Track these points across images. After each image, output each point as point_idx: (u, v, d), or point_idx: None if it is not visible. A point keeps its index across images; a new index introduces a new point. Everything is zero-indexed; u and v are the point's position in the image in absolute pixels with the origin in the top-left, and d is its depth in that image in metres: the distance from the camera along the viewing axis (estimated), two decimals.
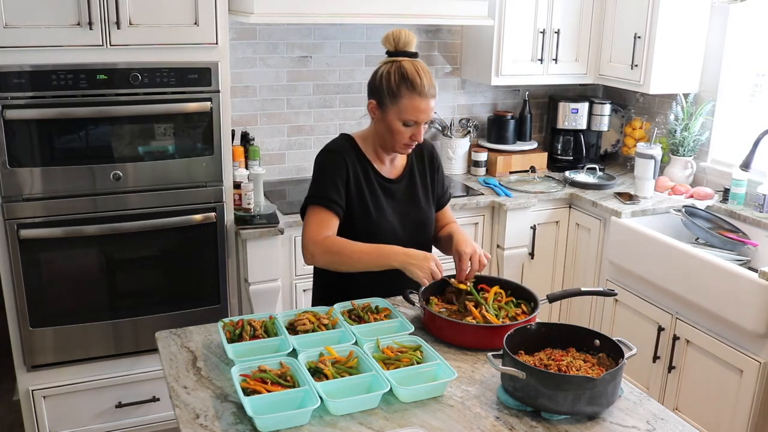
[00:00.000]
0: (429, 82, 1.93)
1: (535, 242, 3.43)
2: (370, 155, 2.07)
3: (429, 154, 2.18)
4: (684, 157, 3.46)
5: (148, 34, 2.54)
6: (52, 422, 2.81)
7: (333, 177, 1.98)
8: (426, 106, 1.94)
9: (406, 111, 1.93)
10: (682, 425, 1.52)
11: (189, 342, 1.83)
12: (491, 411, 1.54)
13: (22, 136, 2.48)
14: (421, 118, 1.95)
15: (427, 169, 2.16)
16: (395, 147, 2.01)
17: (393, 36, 1.98)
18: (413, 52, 1.98)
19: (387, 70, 1.95)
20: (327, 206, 1.96)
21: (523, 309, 1.90)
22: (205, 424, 1.47)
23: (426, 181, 2.15)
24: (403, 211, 2.09)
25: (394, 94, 1.93)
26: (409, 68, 1.93)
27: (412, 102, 1.92)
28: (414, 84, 1.91)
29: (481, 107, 3.87)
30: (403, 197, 2.10)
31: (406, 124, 1.94)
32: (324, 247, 1.93)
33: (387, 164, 2.10)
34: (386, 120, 1.96)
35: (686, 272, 2.77)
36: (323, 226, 1.95)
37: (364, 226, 2.01)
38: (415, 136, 1.97)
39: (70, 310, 2.69)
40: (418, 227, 2.11)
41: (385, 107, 1.96)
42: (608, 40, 3.56)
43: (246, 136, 3.18)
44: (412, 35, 1.98)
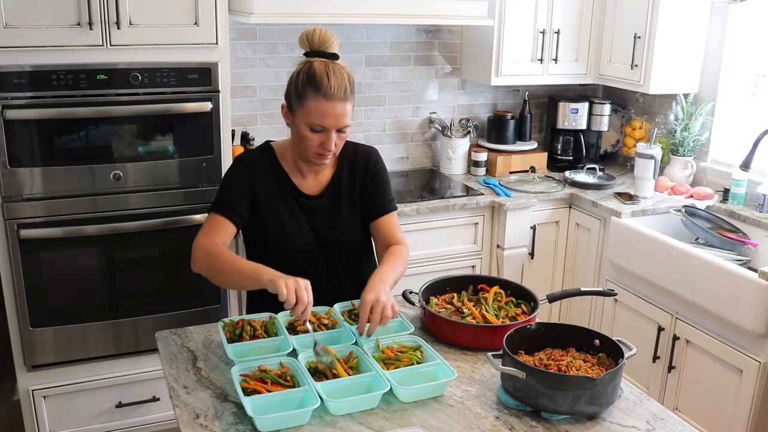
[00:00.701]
0: (338, 84, 1.77)
1: (535, 242, 3.43)
2: (289, 167, 1.93)
3: (363, 163, 1.99)
4: (684, 157, 3.46)
5: (148, 34, 2.54)
6: (52, 422, 2.81)
7: (236, 186, 1.89)
8: (333, 111, 1.77)
9: (311, 114, 1.78)
10: (682, 425, 1.53)
11: (189, 342, 1.83)
12: (491, 411, 1.54)
13: (22, 136, 2.48)
14: (328, 123, 1.78)
15: (357, 182, 1.98)
16: (307, 156, 1.86)
17: (307, 35, 1.83)
18: (331, 53, 1.83)
19: (297, 70, 1.82)
20: (223, 213, 1.85)
21: (523, 309, 1.90)
22: (205, 424, 1.47)
23: (354, 197, 1.97)
24: (322, 230, 1.94)
25: (300, 96, 1.79)
26: (318, 69, 1.77)
27: (317, 105, 1.76)
28: (320, 85, 1.76)
29: (481, 107, 3.87)
30: (324, 214, 1.95)
31: (313, 129, 1.79)
32: (205, 252, 1.81)
33: (309, 177, 1.95)
34: (295, 125, 1.83)
35: (686, 272, 2.77)
36: (215, 232, 1.84)
37: (277, 243, 1.91)
38: (325, 144, 1.81)
39: (70, 310, 2.69)
40: (339, 250, 1.97)
41: (293, 111, 1.83)
42: (608, 40, 3.56)
43: (246, 136, 3.18)
44: (331, 35, 1.83)
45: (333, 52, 1.84)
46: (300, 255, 1.93)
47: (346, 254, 2.00)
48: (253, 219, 1.92)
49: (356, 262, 2.02)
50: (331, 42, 1.83)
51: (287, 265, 1.77)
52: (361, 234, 2.01)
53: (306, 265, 1.91)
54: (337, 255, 1.99)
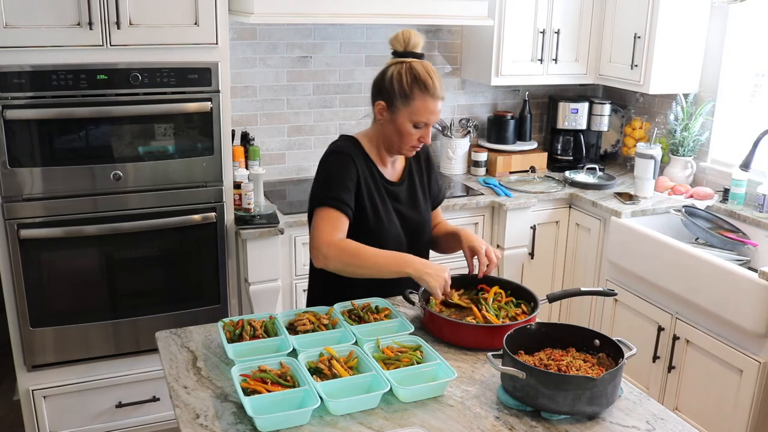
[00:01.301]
0: (440, 84, 1.94)
1: (535, 242, 3.43)
2: (374, 157, 2.05)
3: (425, 154, 2.18)
4: (684, 157, 3.46)
5: (148, 34, 2.54)
6: (52, 422, 2.81)
7: (343, 179, 1.95)
8: (436, 108, 1.94)
9: (418, 112, 1.92)
10: (682, 425, 1.53)
11: (189, 342, 1.83)
12: (491, 411, 1.54)
13: (22, 136, 2.48)
14: (432, 119, 1.95)
15: (423, 170, 2.17)
16: (402, 149, 2.00)
17: (403, 36, 1.96)
18: (420, 53, 1.97)
19: (398, 71, 1.93)
20: (338, 207, 1.92)
21: (523, 309, 1.90)
22: (205, 424, 1.47)
23: (423, 183, 2.16)
24: (405, 213, 2.08)
25: (406, 95, 1.91)
26: (420, 70, 1.92)
27: (424, 103, 1.91)
28: (427, 85, 1.91)
29: (481, 107, 3.87)
30: (405, 200, 2.10)
31: (417, 125, 1.94)
32: (339, 249, 1.87)
33: (389, 167, 2.09)
34: (396, 122, 1.95)
35: (686, 272, 2.77)
36: (335, 228, 1.91)
37: (371, 229, 2.00)
38: (424, 137, 1.98)
39: (70, 310, 2.69)
40: (418, 230, 2.11)
41: (395, 108, 1.94)
42: (608, 40, 3.56)
43: (246, 136, 3.18)
44: (420, 37, 1.97)
45: (422, 52, 1.98)
46: (390, 238, 2.04)
47: (423, 235, 2.14)
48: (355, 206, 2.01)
49: (428, 243, 2.19)
50: (421, 44, 1.98)
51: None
52: (430, 218, 2.19)
53: (393, 248, 1.99)
54: (417, 236, 2.12)
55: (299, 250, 2.94)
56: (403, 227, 2.07)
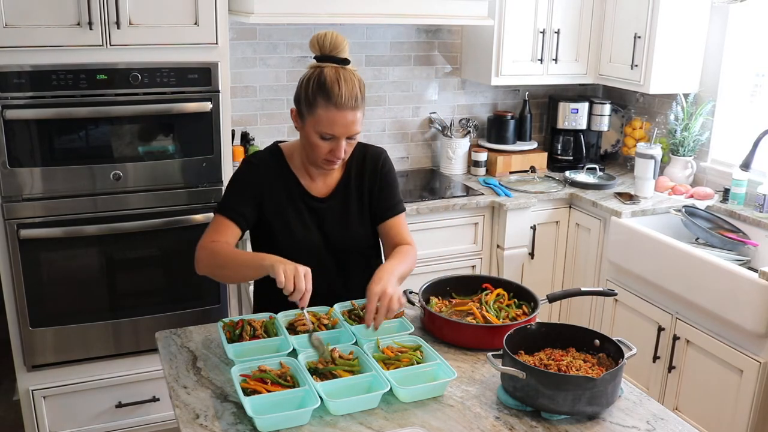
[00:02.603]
0: (349, 93, 1.75)
1: (535, 242, 3.43)
2: (297, 169, 1.92)
3: (372, 165, 1.97)
4: (684, 157, 3.46)
5: (148, 34, 2.54)
6: (52, 422, 2.81)
7: (243, 189, 1.88)
8: (343, 120, 1.75)
9: (321, 123, 1.76)
10: (682, 425, 1.53)
11: (189, 342, 1.83)
12: (491, 411, 1.54)
13: (22, 136, 2.48)
14: (339, 131, 1.77)
15: (366, 184, 1.97)
16: (316, 161, 1.85)
17: (318, 39, 1.79)
18: (342, 58, 1.79)
19: (308, 76, 1.79)
20: (228, 215, 1.86)
21: (523, 309, 1.90)
22: (205, 424, 1.47)
23: (363, 198, 1.97)
24: (331, 231, 1.93)
25: (310, 103, 1.77)
26: (329, 76, 1.75)
27: (327, 114, 1.75)
28: (330, 94, 1.74)
29: (481, 107, 3.87)
30: (332, 217, 1.94)
31: (323, 137, 1.78)
32: (208, 251, 1.82)
33: (317, 179, 1.94)
34: (305, 131, 1.82)
35: (686, 272, 2.77)
36: (217, 233, 1.84)
37: (286, 246, 1.90)
38: (335, 151, 1.80)
39: (70, 310, 2.69)
40: (347, 249, 1.96)
41: (303, 117, 1.82)
42: (608, 40, 3.56)
43: (246, 136, 3.18)
44: (342, 39, 1.80)
45: (344, 57, 1.80)
46: (308, 257, 1.90)
47: (354, 255, 2.00)
48: (261, 221, 1.92)
49: (365, 264, 2.00)
50: (343, 46, 1.80)
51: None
52: (370, 235, 2.01)
53: (315, 267, 1.86)
54: (346, 256, 1.98)
55: None
56: (327, 246, 1.94)
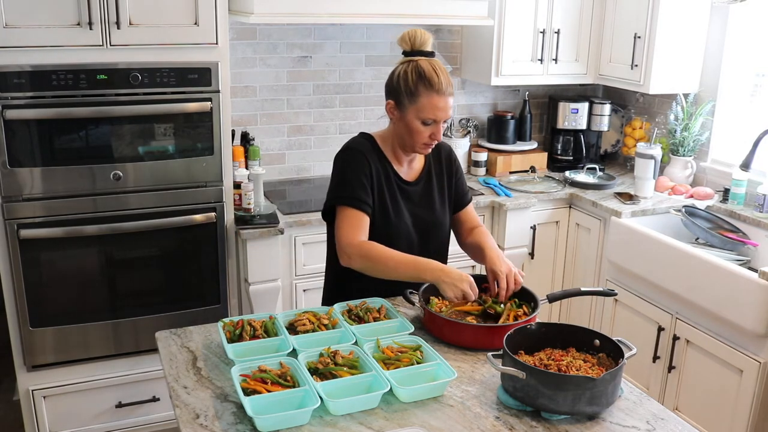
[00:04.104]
0: (446, 80, 1.94)
1: (535, 242, 3.43)
2: (390, 156, 2.06)
3: (447, 155, 2.18)
4: (684, 157, 3.46)
5: (148, 34, 2.54)
6: (52, 422, 2.81)
7: (359, 175, 1.97)
8: (444, 104, 1.94)
9: (425, 110, 1.93)
10: (682, 425, 1.53)
11: (189, 342, 1.83)
12: (491, 411, 1.54)
13: (22, 136, 2.48)
14: (440, 116, 1.95)
15: (444, 171, 2.15)
16: (415, 147, 2.01)
17: (409, 36, 1.97)
18: (429, 51, 1.98)
19: (404, 69, 1.95)
20: (357, 206, 1.95)
21: (524, 309, 1.90)
22: (205, 424, 1.47)
23: (443, 184, 2.14)
24: (418, 213, 2.08)
25: (412, 93, 1.93)
26: (426, 67, 1.93)
27: (430, 100, 1.92)
28: (432, 82, 1.91)
29: (481, 107, 3.87)
30: (419, 200, 2.09)
31: (425, 122, 1.95)
32: (361, 251, 1.91)
33: (405, 166, 2.09)
34: (405, 120, 1.97)
35: (686, 272, 2.77)
36: (357, 228, 1.94)
37: (381, 227, 2.00)
38: (435, 134, 1.97)
39: (70, 310, 2.69)
40: (431, 231, 2.10)
41: (403, 107, 1.96)
42: (608, 40, 3.56)
43: (246, 136, 3.18)
44: (428, 34, 1.98)
45: (431, 50, 1.98)
46: (400, 238, 2.03)
47: (436, 237, 2.12)
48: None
49: (443, 245, 2.16)
50: (429, 41, 1.98)
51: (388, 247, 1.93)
52: (448, 221, 2.16)
53: (403, 248, 1.99)
54: (430, 237, 2.11)
55: (299, 250, 2.94)
56: (415, 227, 2.07)
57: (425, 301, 1.92)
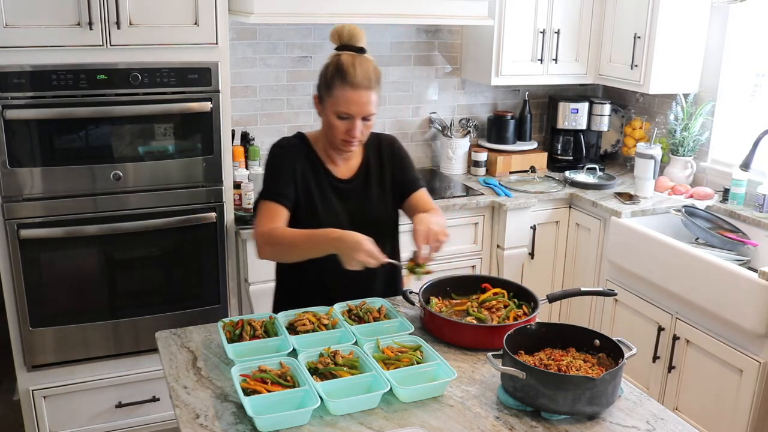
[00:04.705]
0: (364, 74, 1.88)
1: (535, 242, 3.43)
2: (322, 154, 2.03)
3: (388, 148, 2.12)
4: (684, 157, 3.46)
5: (148, 34, 2.54)
6: (52, 422, 2.81)
7: (280, 171, 1.97)
8: (358, 98, 1.87)
9: (338, 103, 1.89)
10: (682, 425, 1.53)
11: (189, 342, 1.83)
12: (491, 411, 1.54)
13: (22, 136, 2.48)
14: (354, 110, 1.89)
15: (385, 165, 2.09)
16: (334, 142, 1.96)
17: (337, 30, 1.95)
18: (358, 47, 1.93)
19: (327, 63, 1.93)
20: (274, 199, 1.94)
21: (523, 309, 1.90)
22: (205, 424, 1.47)
23: (384, 179, 2.08)
24: (356, 211, 2.03)
25: (328, 85, 1.90)
26: (345, 60, 1.89)
27: (343, 93, 1.87)
28: (346, 75, 1.87)
29: (481, 107, 3.87)
30: (357, 198, 2.04)
31: (340, 117, 1.90)
32: (268, 238, 1.90)
33: (340, 164, 2.05)
34: (324, 113, 1.95)
35: (686, 272, 2.77)
36: (270, 220, 1.92)
37: (311, 224, 1.94)
38: (351, 131, 1.91)
39: (70, 310, 2.69)
40: (372, 228, 1.97)
41: (323, 100, 1.94)
42: (608, 40, 3.56)
43: (246, 136, 3.18)
44: (359, 30, 1.94)
45: (360, 46, 1.94)
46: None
47: (380, 234, 2.04)
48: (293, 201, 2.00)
49: (385, 244, 2.07)
50: (359, 37, 1.94)
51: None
52: (391, 215, 2.11)
53: None
54: (371, 235, 2.00)
55: None
56: (353, 225, 1.95)
57: (425, 301, 1.92)
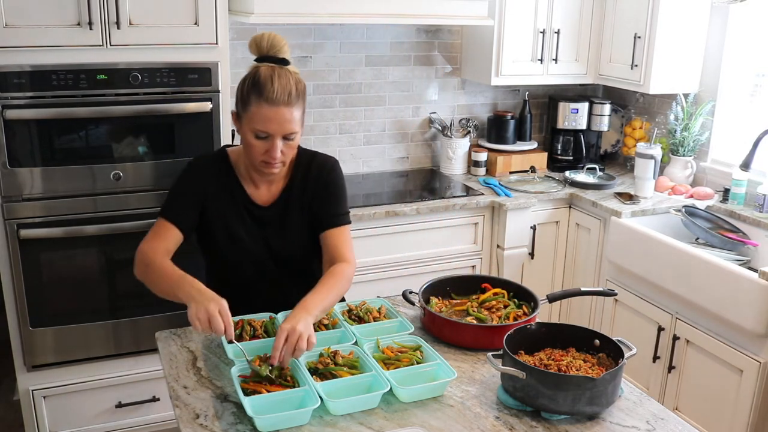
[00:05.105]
0: (282, 89, 1.71)
1: (535, 242, 3.43)
2: (242, 176, 1.89)
3: (317, 172, 1.92)
4: (684, 157, 3.46)
5: (148, 34, 2.53)
6: (52, 422, 2.81)
7: (185, 191, 1.87)
8: (276, 116, 1.71)
9: (255, 120, 1.73)
10: (682, 425, 1.53)
11: (189, 342, 1.83)
12: (491, 411, 1.54)
13: (22, 136, 2.48)
14: (272, 128, 1.72)
15: (309, 192, 1.91)
16: (254, 164, 1.80)
17: (255, 40, 1.79)
18: (281, 58, 1.78)
19: (245, 76, 1.78)
20: (170, 219, 1.84)
21: (523, 309, 1.90)
22: (205, 424, 1.47)
23: (304, 206, 1.91)
24: (271, 240, 1.90)
25: (244, 101, 1.76)
26: (263, 73, 1.73)
27: (260, 110, 1.71)
28: (263, 90, 1.71)
29: (481, 107, 3.87)
30: (274, 225, 1.90)
31: (258, 136, 1.74)
32: (144, 258, 1.80)
33: (261, 187, 1.90)
34: (242, 131, 1.79)
35: (686, 272, 2.77)
36: (158, 238, 1.83)
37: (224, 251, 1.90)
38: (271, 151, 1.74)
39: (70, 310, 2.69)
40: (288, 259, 1.93)
41: (239, 117, 1.79)
42: (608, 40, 3.56)
43: None
44: (281, 39, 1.78)
45: (282, 57, 1.79)
46: (250, 264, 1.92)
47: (295, 265, 1.97)
48: (203, 226, 1.90)
49: (307, 272, 1.96)
50: (281, 47, 1.78)
51: (237, 274, 1.84)
52: (311, 246, 1.94)
53: (256, 274, 1.91)
54: (287, 265, 1.96)
55: None
56: (269, 253, 1.91)
57: (425, 301, 1.92)
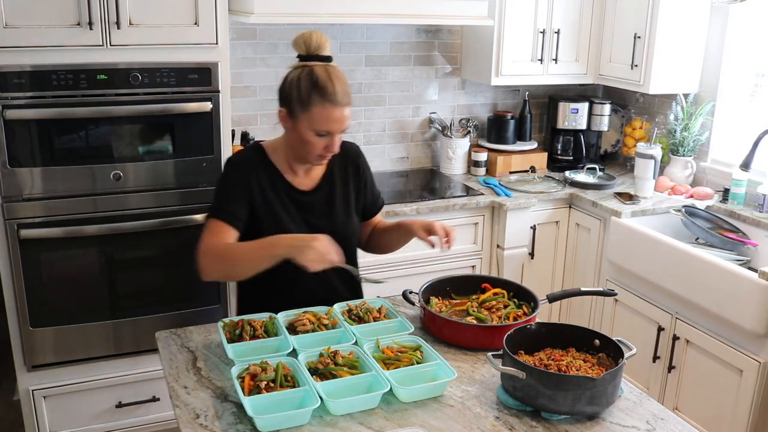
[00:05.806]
0: (343, 90, 1.80)
1: (535, 242, 3.43)
2: (281, 166, 1.95)
3: (353, 160, 2.04)
4: (684, 157, 3.46)
5: (148, 34, 2.54)
6: (52, 422, 2.81)
7: (233, 189, 1.90)
8: (340, 116, 1.80)
9: (318, 121, 1.79)
10: (682, 425, 1.53)
11: (189, 342, 1.83)
12: (491, 411, 1.54)
13: (22, 136, 2.48)
14: (335, 128, 1.82)
15: (350, 177, 2.03)
16: (308, 158, 1.89)
17: (304, 39, 1.83)
18: (326, 56, 1.84)
19: (297, 76, 1.82)
20: (223, 219, 1.86)
21: (523, 309, 1.90)
22: (205, 424, 1.47)
23: (348, 190, 2.02)
24: (316, 223, 1.95)
25: (304, 102, 1.80)
26: (321, 74, 1.79)
27: (323, 111, 1.79)
28: (326, 92, 1.78)
29: (481, 107, 3.87)
30: (319, 209, 1.97)
31: (319, 134, 1.82)
32: (210, 255, 1.82)
33: (301, 175, 1.97)
34: (298, 130, 1.84)
35: (686, 272, 2.77)
36: (215, 236, 1.85)
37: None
38: (330, 147, 1.84)
39: (70, 310, 2.69)
40: (336, 240, 1.89)
41: (295, 116, 1.83)
42: (608, 40, 3.56)
43: (246, 136, 3.18)
44: (326, 38, 1.84)
45: (329, 55, 1.85)
46: None
47: (341, 246, 1.96)
48: (251, 218, 1.93)
49: (348, 255, 2.00)
50: (327, 45, 1.85)
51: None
52: (355, 225, 2.05)
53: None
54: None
55: None
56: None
57: (425, 301, 1.93)
